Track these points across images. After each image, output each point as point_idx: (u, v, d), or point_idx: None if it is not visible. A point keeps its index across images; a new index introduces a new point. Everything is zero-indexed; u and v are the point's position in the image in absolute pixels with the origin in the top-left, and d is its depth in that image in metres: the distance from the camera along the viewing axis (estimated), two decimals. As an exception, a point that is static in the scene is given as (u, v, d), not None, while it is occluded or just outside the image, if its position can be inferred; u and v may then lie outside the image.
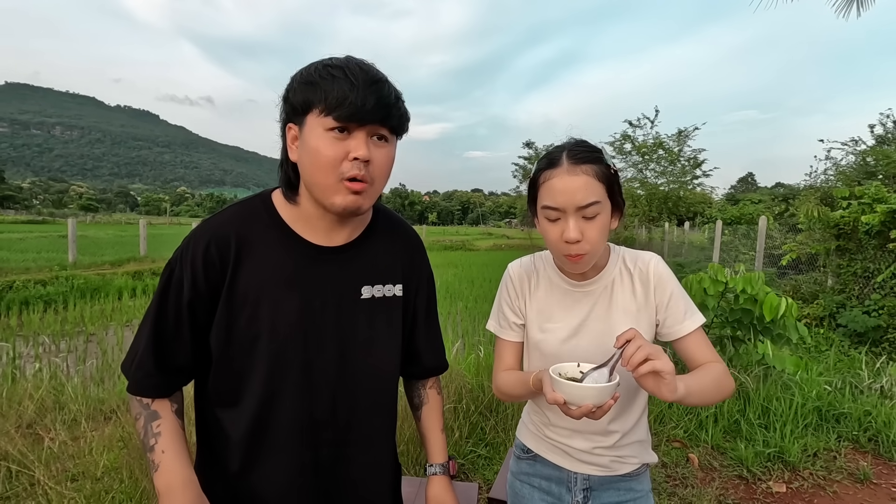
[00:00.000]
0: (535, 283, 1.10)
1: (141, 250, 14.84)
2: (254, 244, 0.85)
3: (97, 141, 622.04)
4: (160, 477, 0.80)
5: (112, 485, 2.14)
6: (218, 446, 0.89)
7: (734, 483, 2.72)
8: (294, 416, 0.87)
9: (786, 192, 21.24)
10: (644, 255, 1.07)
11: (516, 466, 1.21)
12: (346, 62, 0.80)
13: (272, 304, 0.85)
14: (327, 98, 0.77)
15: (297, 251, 0.87)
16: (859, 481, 2.74)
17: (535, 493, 1.15)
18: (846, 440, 3.16)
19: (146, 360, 0.84)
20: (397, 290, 0.96)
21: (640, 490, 1.11)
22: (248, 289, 0.84)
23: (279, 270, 0.86)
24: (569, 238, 0.92)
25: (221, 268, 0.84)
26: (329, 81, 0.77)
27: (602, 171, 0.94)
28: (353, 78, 0.77)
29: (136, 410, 0.86)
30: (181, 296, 0.84)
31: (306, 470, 0.89)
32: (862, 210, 7.01)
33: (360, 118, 0.78)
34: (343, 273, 0.90)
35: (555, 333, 1.06)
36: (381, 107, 0.79)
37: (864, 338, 6.28)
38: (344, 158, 0.79)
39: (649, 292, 1.03)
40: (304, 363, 0.87)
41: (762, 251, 9.83)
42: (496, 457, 2.80)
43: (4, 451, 2.34)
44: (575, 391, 0.85)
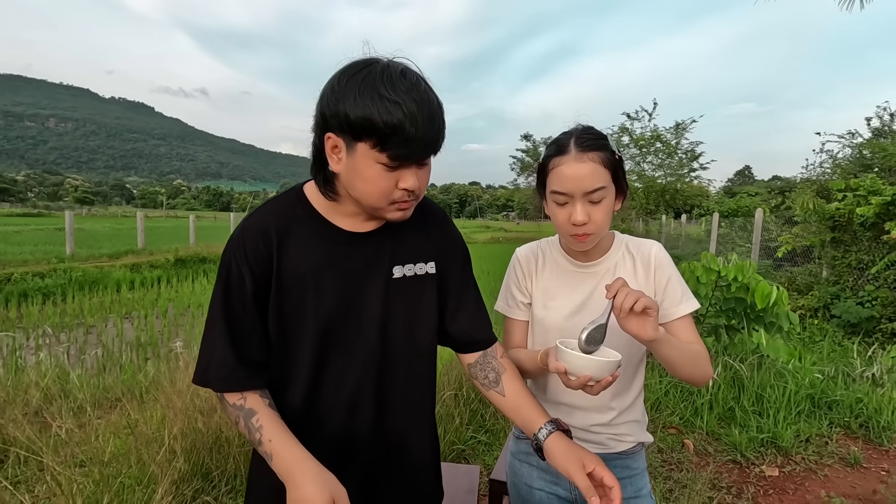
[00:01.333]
0: (542, 265, 1.16)
1: (139, 243, 14.81)
2: (292, 235, 0.90)
3: (92, 133, 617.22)
4: (277, 464, 0.81)
5: (120, 469, 2.19)
6: None
7: (728, 467, 2.78)
8: (339, 392, 0.93)
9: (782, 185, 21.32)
10: (646, 242, 1.12)
11: (515, 446, 1.25)
12: (403, 93, 0.77)
13: (313, 289, 0.90)
14: (384, 136, 0.78)
15: (332, 239, 0.92)
16: (850, 465, 2.82)
17: (533, 472, 1.19)
18: (838, 426, 3.23)
19: (227, 357, 0.87)
20: (429, 267, 0.99)
21: (636, 468, 1.16)
22: (291, 277, 0.89)
23: (317, 258, 0.91)
24: (576, 221, 0.98)
25: (268, 260, 0.88)
26: (387, 117, 0.76)
27: (608, 157, 0.99)
28: (412, 120, 0.77)
29: (233, 414, 0.88)
30: (245, 289, 0.88)
31: (350, 441, 0.94)
32: (857, 202, 7.06)
33: (414, 159, 0.82)
34: (376, 255, 0.94)
35: (559, 310, 1.11)
36: (432, 143, 0.82)
37: (858, 328, 6.37)
38: (394, 188, 0.84)
39: (650, 275, 1.09)
40: (346, 342, 0.92)
41: (758, 243, 9.90)
42: (496, 443, 2.86)
43: (13, 437, 2.38)
44: (576, 361, 0.89)
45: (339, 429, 0.93)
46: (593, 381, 0.89)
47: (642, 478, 1.16)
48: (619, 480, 1.13)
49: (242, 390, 0.87)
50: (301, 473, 0.78)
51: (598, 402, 1.09)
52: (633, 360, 1.12)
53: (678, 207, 22.01)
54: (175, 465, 2.17)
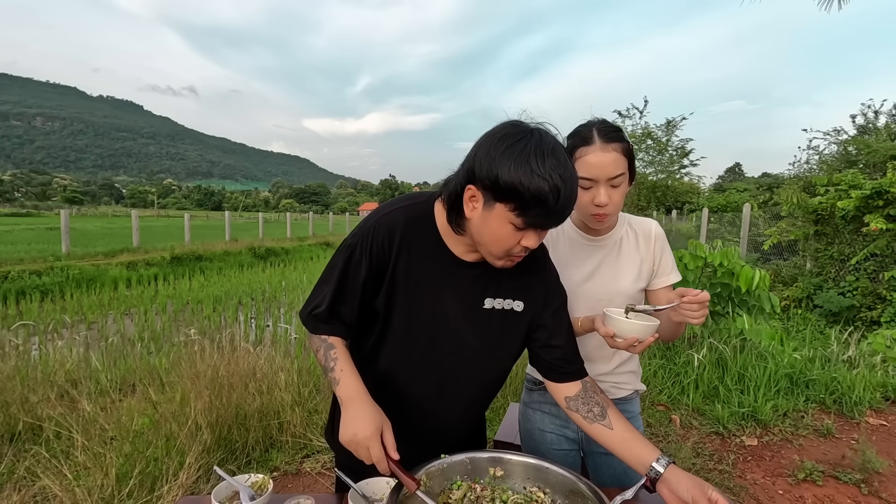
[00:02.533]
0: (556, 239, 1.34)
1: (134, 241, 14.85)
2: (413, 245, 1.03)
3: (80, 132, 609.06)
4: (342, 388, 0.98)
5: (149, 441, 2.35)
6: None
7: (710, 438, 3.00)
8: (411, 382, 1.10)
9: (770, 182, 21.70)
10: (645, 220, 1.34)
11: (528, 397, 1.44)
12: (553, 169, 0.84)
13: (416, 297, 1.04)
14: (525, 206, 0.86)
15: (443, 259, 1.04)
16: (823, 436, 3.04)
17: (545, 418, 1.39)
18: (813, 402, 3.47)
19: (325, 311, 1.04)
20: (517, 305, 1.09)
21: (633, 412, 1.38)
22: (402, 281, 1.03)
23: (425, 272, 1.04)
24: (600, 203, 1.16)
25: (388, 259, 1.02)
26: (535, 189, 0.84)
27: (625, 147, 1.17)
28: (556, 194, 0.85)
29: (315, 344, 1.07)
30: (359, 274, 1.02)
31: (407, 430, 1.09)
32: (839, 196, 7.32)
33: (548, 228, 0.93)
34: (473, 284, 1.06)
35: (571, 278, 1.29)
36: (567, 215, 0.91)
37: (839, 317, 6.63)
38: (516, 245, 0.93)
39: (649, 248, 1.30)
40: (426, 347, 1.07)
41: (746, 237, 10.18)
42: (496, 419, 3.05)
43: (46, 415, 2.53)
44: (624, 325, 1.06)
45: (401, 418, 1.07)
46: (638, 342, 1.06)
47: (637, 420, 1.38)
48: None
49: (328, 335, 1.06)
50: (359, 403, 0.96)
51: (603, 354, 1.29)
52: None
53: (669, 204, 22.33)
54: (201, 438, 2.34)
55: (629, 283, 1.27)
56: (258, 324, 7.13)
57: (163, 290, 10.21)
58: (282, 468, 2.51)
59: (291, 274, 12.01)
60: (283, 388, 2.76)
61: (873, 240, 6.83)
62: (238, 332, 6.45)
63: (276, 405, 2.69)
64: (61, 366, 3.15)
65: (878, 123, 13.77)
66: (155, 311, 8.16)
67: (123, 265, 12.14)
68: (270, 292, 9.59)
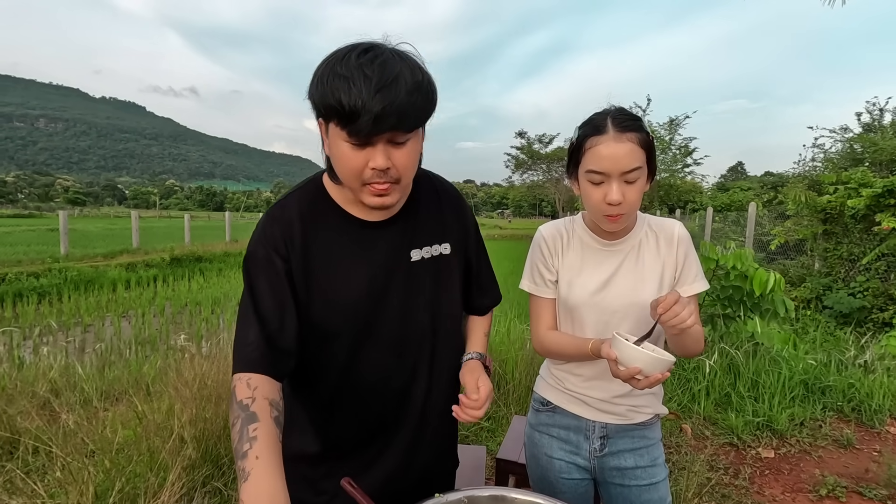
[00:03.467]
0: (567, 243, 1.18)
1: (133, 242, 14.75)
2: (315, 225, 0.92)
3: (82, 133, 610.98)
4: (248, 488, 0.70)
5: (130, 457, 2.21)
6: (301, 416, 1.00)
7: (725, 449, 2.85)
8: (373, 373, 0.97)
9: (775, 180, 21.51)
10: (668, 220, 1.17)
11: (535, 419, 1.29)
12: (354, 68, 0.77)
13: (336, 277, 0.92)
14: (339, 113, 0.78)
15: (351, 229, 0.94)
16: (843, 446, 2.89)
17: (553, 443, 1.23)
18: (831, 410, 3.31)
19: (253, 338, 0.85)
20: (444, 248, 1.02)
21: (653, 438, 1.21)
22: (315, 266, 0.91)
23: (338, 247, 0.93)
24: (612, 200, 1.01)
25: (294, 249, 0.90)
26: (339, 92, 0.76)
27: (643, 138, 1.02)
28: (358, 90, 0.75)
29: (234, 413, 0.80)
30: (275, 268, 0.88)
31: (385, 416, 1.01)
32: (848, 195, 7.17)
33: (370, 134, 0.78)
34: (393, 242, 0.97)
35: (584, 287, 1.14)
36: (390, 115, 0.77)
37: (850, 318, 6.47)
38: (365, 167, 0.82)
39: (672, 252, 1.13)
40: (372, 325, 0.95)
41: (752, 237, 10.01)
42: (499, 429, 2.91)
43: (23, 428, 2.40)
44: (628, 351, 0.92)
45: (375, 405, 0.99)
46: (642, 376, 0.91)
47: (657, 448, 1.21)
48: (636, 450, 1.18)
49: (262, 372, 0.84)
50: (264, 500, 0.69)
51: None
52: (657, 334, 1.16)
53: (672, 203, 22.18)
54: (185, 453, 2.20)
55: (650, 292, 1.11)
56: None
57: (162, 291, 10.10)
58: (272, 484, 2.38)
59: (291, 275, 11.89)
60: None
61: (883, 239, 6.68)
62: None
63: (266, 416, 2.55)
64: (44, 375, 3.02)
65: (883, 121, 13.62)
66: (153, 314, 8.05)
67: (122, 266, 12.04)
68: (269, 294, 9.47)
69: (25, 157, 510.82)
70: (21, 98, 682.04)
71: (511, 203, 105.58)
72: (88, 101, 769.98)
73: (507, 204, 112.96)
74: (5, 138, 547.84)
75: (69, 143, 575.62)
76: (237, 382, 0.83)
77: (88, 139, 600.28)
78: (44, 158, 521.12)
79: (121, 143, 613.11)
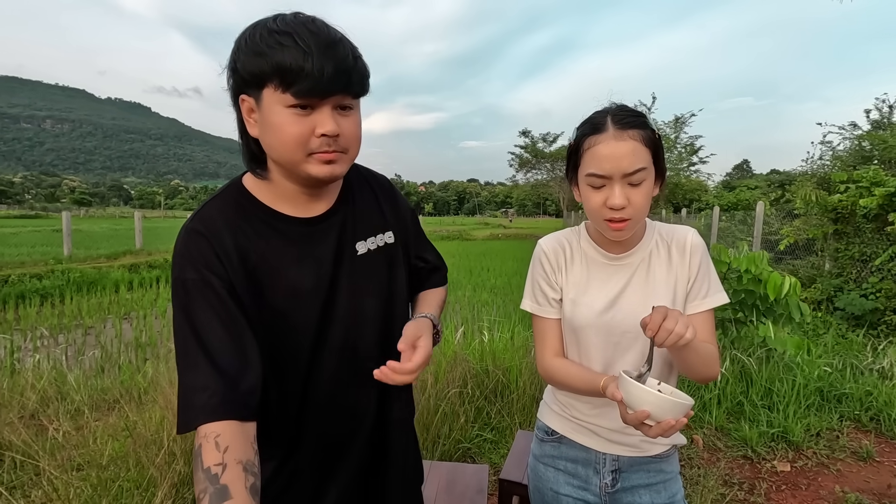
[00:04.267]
0: (570, 257, 1.07)
1: (137, 243, 14.73)
2: (247, 232, 0.82)
3: (88, 134, 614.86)
4: None
5: (119, 473, 2.13)
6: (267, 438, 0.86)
7: (739, 463, 2.74)
8: (332, 378, 0.90)
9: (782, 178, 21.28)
10: (680, 228, 1.06)
11: (539, 449, 1.18)
12: (294, 25, 0.73)
13: (280, 285, 0.83)
14: (281, 72, 0.71)
15: (287, 228, 0.85)
16: (862, 459, 2.77)
17: (560, 476, 1.12)
18: (848, 420, 3.19)
19: (208, 381, 0.71)
20: (388, 237, 0.98)
21: (670, 472, 1.09)
22: (257, 276, 0.82)
23: (276, 252, 0.84)
24: (613, 204, 0.90)
25: (229, 260, 0.79)
26: (279, 52, 0.71)
27: (648, 135, 0.92)
28: (305, 46, 0.70)
29: (200, 485, 0.66)
30: (213, 290, 0.76)
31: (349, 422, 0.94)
32: (860, 194, 7.01)
33: (320, 92, 0.73)
34: (335, 236, 0.89)
35: (590, 307, 1.03)
36: (341, 74, 0.73)
37: (862, 321, 6.32)
38: (311, 135, 0.75)
39: (685, 262, 1.02)
40: (325, 326, 0.88)
41: (759, 236, 9.85)
42: (502, 440, 2.80)
43: (8, 441, 2.32)
44: (636, 392, 0.80)
45: (339, 410, 0.92)
46: (652, 421, 0.80)
47: (675, 482, 1.09)
48: (652, 486, 1.07)
49: (225, 418, 0.70)
50: None
51: None
52: (666, 358, 1.05)
53: (677, 202, 21.99)
54: (175, 468, 2.11)
55: None
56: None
57: (164, 292, 10.06)
58: (266, 500, 2.29)
59: (294, 276, 11.82)
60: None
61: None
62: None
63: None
64: (32, 386, 2.94)
65: (892, 118, 13.41)
66: (154, 315, 8.00)
67: (125, 268, 12.03)
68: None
69: (32, 158, 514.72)
70: (28, 99, 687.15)
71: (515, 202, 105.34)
72: (94, 101, 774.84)
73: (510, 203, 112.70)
74: (12, 139, 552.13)
75: (75, 143, 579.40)
76: (203, 441, 0.68)
77: (94, 140, 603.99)
78: (50, 159, 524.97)
79: (126, 143, 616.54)
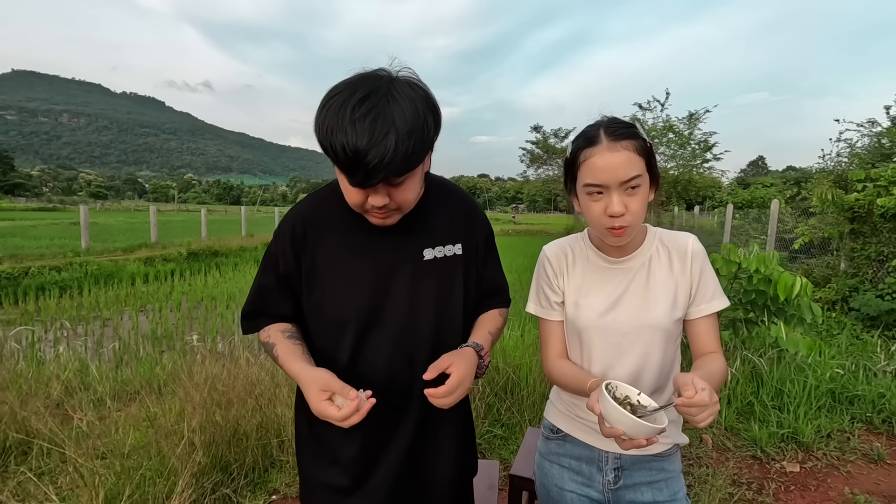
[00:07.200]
0: (572, 262, 1.12)
1: (152, 237, 14.97)
2: (327, 225, 1.02)
3: (104, 128, 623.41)
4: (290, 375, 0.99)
5: (141, 462, 2.21)
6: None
7: (748, 463, 2.75)
8: (376, 365, 1.02)
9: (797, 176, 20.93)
10: (681, 234, 1.10)
11: (545, 447, 1.22)
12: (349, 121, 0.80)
13: (348, 276, 1.01)
14: (336, 162, 0.85)
15: (362, 228, 1.00)
16: (873, 461, 2.76)
17: (564, 473, 1.16)
18: (860, 421, 3.17)
19: (251, 310, 1.09)
20: (457, 249, 1.08)
21: (672, 470, 1.12)
22: (325, 265, 1.01)
23: (349, 246, 1.01)
24: (613, 212, 0.95)
25: (304, 248, 1.02)
26: (336, 144, 0.81)
27: (640, 145, 0.96)
28: (353, 144, 0.80)
29: (266, 350, 1.07)
30: (278, 267, 1.04)
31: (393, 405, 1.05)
32: (878, 193, 6.90)
33: (365, 184, 0.85)
34: (407, 241, 1.03)
35: (592, 309, 1.07)
36: (382, 169, 0.82)
37: (878, 321, 6.24)
38: (365, 202, 0.91)
39: (685, 268, 1.06)
40: (379, 321, 1.01)
41: (774, 235, 9.72)
42: (512, 437, 2.84)
43: (36, 430, 2.41)
44: (612, 412, 0.84)
45: (381, 395, 1.00)
46: (626, 436, 0.85)
47: (678, 480, 1.12)
48: (654, 483, 1.10)
49: (256, 332, 1.09)
50: (300, 379, 0.97)
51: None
52: (668, 359, 1.09)
53: (690, 199, 21.73)
54: (194, 459, 2.18)
55: (662, 313, 1.04)
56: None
57: (178, 286, 10.24)
58: (281, 490, 2.35)
59: (305, 270, 11.92)
60: (285, 402, 2.59)
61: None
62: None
63: (276, 421, 2.52)
64: (57, 376, 3.04)
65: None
66: (170, 308, 8.15)
67: (141, 261, 12.23)
68: (284, 290, 9.51)
69: (50, 152, 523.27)
70: (45, 93, 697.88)
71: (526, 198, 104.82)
72: (110, 96, 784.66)
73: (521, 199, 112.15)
74: (30, 133, 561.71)
75: (91, 137, 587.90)
76: (259, 335, 1.09)
77: (110, 134, 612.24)
78: (67, 153, 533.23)
79: (141, 137, 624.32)
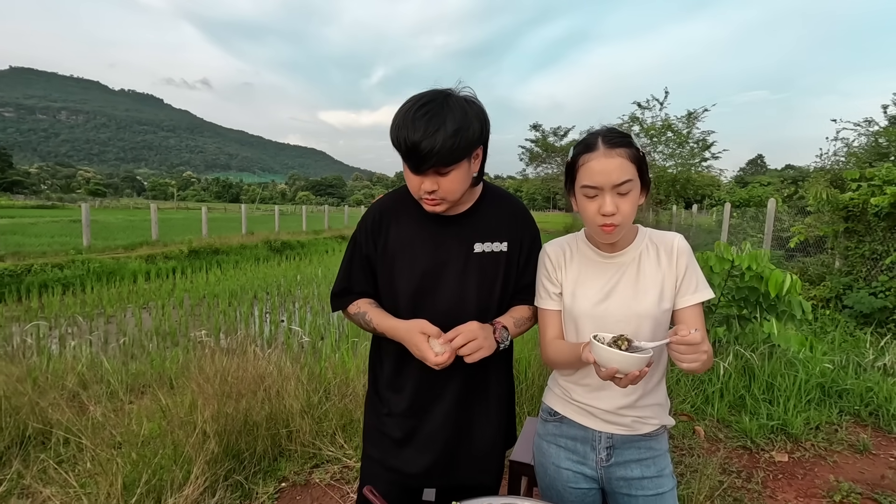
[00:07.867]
0: (570, 257, 1.24)
1: (153, 234, 15.03)
2: (400, 216, 1.27)
3: (102, 125, 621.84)
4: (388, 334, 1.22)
5: (156, 450, 2.30)
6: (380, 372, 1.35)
7: (738, 453, 2.85)
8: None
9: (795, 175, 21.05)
10: (669, 234, 1.22)
11: (543, 428, 1.33)
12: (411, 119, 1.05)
13: (411, 257, 1.24)
14: (399, 151, 1.10)
15: (428, 220, 1.24)
16: (859, 452, 2.87)
17: (561, 452, 1.27)
18: (847, 414, 3.28)
19: (341, 289, 1.32)
20: (503, 246, 1.26)
21: (659, 449, 1.23)
22: (395, 247, 1.25)
23: (415, 234, 1.25)
24: (605, 212, 1.07)
25: (380, 232, 1.27)
26: (399, 138, 1.06)
27: (633, 153, 1.08)
28: (410, 137, 1.05)
29: (356, 319, 1.30)
30: (361, 250, 1.30)
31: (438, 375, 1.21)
32: (872, 192, 6.99)
33: (419, 169, 1.10)
34: (461, 234, 1.25)
35: (587, 298, 1.19)
36: (431, 158, 1.05)
37: (870, 319, 6.35)
38: (419, 187, 1.13)
39: (671, 263, 1.17)
40: (432, 296, 1.23)
41: (770, 233, 9.83)
42: (511, 428, 2.94)
43: (54, 420, 2.51)
44: (604, 354, 0.96)
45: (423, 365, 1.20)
46: (621, 374, 0.96)
47: (664, 458, 1.23)
48: (642, 461, 1.21)
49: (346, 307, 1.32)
50: (401, 331, 1.18)
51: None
52: (660, 356, 1.20)
53: (689, 197, 21.84)
54: (208, 447, 2.28)
55: (651, 303, 1.15)
56: (272, 319, 7.14)
57: (180, 283, 10.32)
58: (290, 478, 2.45)
59: (307, 268, 11.99)
60: (293, 395, 2.69)
61: (908, 238, 6.51)
62: (252, 328, 6.44)
63: (284, 412, 2.62)
64: (72, 368, 3.14)
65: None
66: (172, 305, 8.23)
67: (142, 258, 12.31)
68: (286, 286, 9.60)
69: (48, 149, 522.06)
70: (43, 90, 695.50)
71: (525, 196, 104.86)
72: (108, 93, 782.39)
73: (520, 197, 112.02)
74: (28, 130, 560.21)
75: (90, 135, 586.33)
76: (349, 309, 1.32)
77: (108, 131, 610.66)
78: (65, 150, 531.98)
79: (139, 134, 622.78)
